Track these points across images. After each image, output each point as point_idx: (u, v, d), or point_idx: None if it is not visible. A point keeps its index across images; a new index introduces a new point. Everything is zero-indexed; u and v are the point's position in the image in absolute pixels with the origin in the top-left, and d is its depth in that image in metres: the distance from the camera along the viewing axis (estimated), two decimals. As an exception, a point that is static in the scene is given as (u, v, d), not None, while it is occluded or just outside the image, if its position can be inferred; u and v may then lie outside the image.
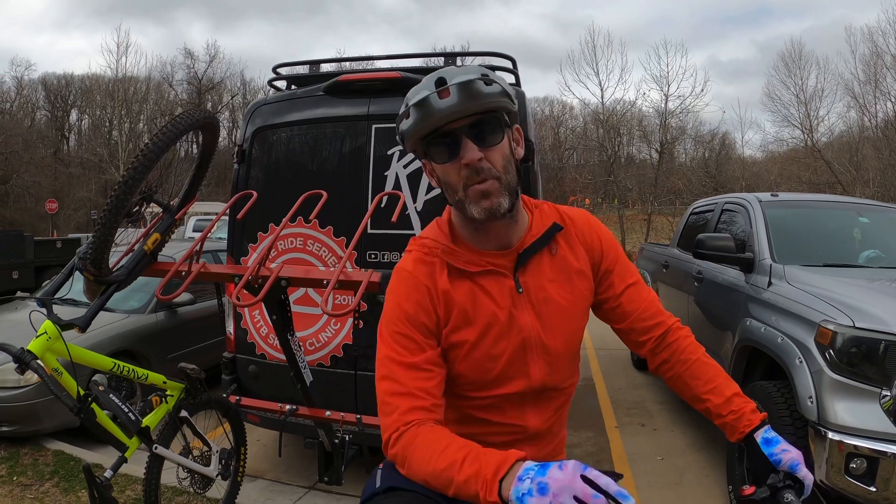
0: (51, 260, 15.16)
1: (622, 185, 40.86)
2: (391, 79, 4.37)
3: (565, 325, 1.81)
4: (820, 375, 3.78)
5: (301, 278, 3.17)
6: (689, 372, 1.86)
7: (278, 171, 4.68)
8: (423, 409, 1.63)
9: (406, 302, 1.73)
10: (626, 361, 9.29)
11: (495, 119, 1.64)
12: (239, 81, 60.35)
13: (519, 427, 1.82)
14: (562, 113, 56.51)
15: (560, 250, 1.84)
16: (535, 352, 1.78)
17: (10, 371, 5.14)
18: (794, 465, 1.65)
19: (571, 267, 1.84)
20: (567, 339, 1.82)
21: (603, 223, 2.03)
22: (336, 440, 3.88)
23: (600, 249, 1.89)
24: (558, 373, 1.83)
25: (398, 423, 1.61)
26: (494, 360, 1.75)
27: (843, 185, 32.79)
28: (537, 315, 1.78)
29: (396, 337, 1.71)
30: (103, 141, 50.09)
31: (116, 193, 2.89)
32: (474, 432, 1.72)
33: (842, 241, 5.67)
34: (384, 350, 1.72)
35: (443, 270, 1.76)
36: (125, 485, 4.83)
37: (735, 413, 1.76)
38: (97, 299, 3.22)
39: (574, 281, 1.84)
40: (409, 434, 1.58)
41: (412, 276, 1.76)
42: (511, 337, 1.75)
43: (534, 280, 1.79)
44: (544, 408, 1.86)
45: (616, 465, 5.53)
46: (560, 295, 1.80)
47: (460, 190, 1.64)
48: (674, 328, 1.91)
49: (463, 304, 1.74)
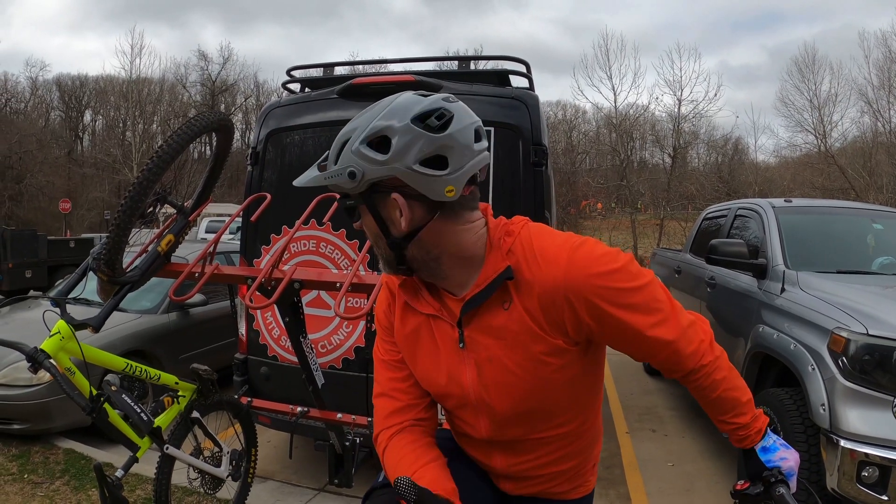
0: (64, 259, 15.28)
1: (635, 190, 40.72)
2: (405, 82, 4.37)
3: (510, 389, 1.60)
4: (833, 383, 3.77)
5: (314, 281, 3.17)
6: (704, 403, 1.74)
7: (291, 174, 4.67)
8: (397, 411, 1.72)
9: (379, 308, 1.80)
10: (636, 367, 9.24)
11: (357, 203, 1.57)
12: (252, 83, 60.28)
13: (486, 465, 1.83)
14: (574, 117, 56.39)
15: (514, 304, 1.55)
16: (479, 411, 1.67)
17: (23, 369, 5.20)
18: (788, 475, 1.72)
19: (525, 325, 1.55)
20: (515, 403, 1.62)
21: (612, 245, 1.77)
22: (347, 442, 3.88)
23: (581, 318, 1.52)
24: (513, 430, 1.69)
25: (379, 428, 1.73)
26: (441, 398, 1.74)
27: (857, 190, 32.58)
28: (479, 374, 1.62)
29: (380, 332, 1.80)
30: (117, 142, 50.20)
31: (131, 194, 2.90)
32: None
33: (855, 247, 5.65)
34: (375, 345, 1.83)
35: (401, 298, 1.71)
36: (136, 484, 4.85)
37: (740, 436, 1.76)
38: (111, 300, 3.23)
39: (527, 342, 1.55)
40: (382, 441, 1.71)
41: (387, 279, 1.78)
42: (455, 393, 1.66)
43: (480, 337, 1.59)
44: (520, 455, 1.76)
45: (626, 471, 5.53)
46: (508, 357, 1.57)
47: None
48: (693, 372, 1.66)
49: (409, 339, 1.71)
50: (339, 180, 1.48)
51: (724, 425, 1.76)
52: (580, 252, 1.51)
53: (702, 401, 1.74)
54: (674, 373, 1.68)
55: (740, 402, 1.73)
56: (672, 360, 1.62)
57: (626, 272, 1.51)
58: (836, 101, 37.20)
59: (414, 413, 1.71)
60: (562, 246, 1.53)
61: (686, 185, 39.58)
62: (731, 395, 1.71)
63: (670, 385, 8.29)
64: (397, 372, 1.74)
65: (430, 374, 1.69)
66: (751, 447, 1.76)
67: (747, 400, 1.75)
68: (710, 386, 1.68)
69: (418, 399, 1.73)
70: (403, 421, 1.70)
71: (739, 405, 1.73)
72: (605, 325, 1.52)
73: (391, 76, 4.58)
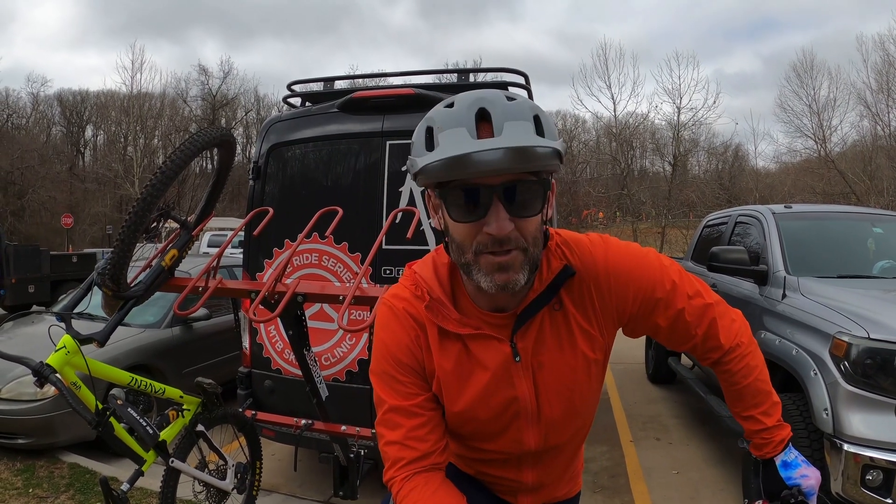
0: (67, 274, 15.30)
1: (636, 199, 40.78)
2: (405, 95, 4.40)
3: (565, 392, 1.59)
4: (835, 387, 3.77)
5: (317, 294, 3.19)
6: (735, 394, 1.71)
7: (293, 188, 4.71)
8: (413, 460, 1.51)
9: (394, 343, 1.56)
10: (640, 375, 9.25)
11: (538, 184, 1.34)
12: (253, 97, 60.57)
13: (515, 482, 1.76)
14: (574, 127, 56.53)
15: (564, 303, 1.55)
16: (530, 422, 1.61)
17: (27, 384, 5.21)
18: (808, 494, 1.65)
19: (574, 325, 1.55)
20: (567, 407, 1.62)
21: (623, 238, 1.74)
22: (351, 454, 3.90)
23: (626, 296, 1.55)
24: (557, 437, 1.67)
25: (391, 475, 1.52)
26: (484, 425, 1.62)
27: (857, 195, 32.65)
28: (534, 383, 1.57)
29: (385, 378, 1.56)
30: (118, 156, 50.37)
31: (135, 210, 2.92)
32: (479, 471, 1.76)
33: (856, 251, 5.65)
34: (377, 390, 1.58)
35: (433, 324, 1.55)
36: (140, 498, 4.86)
37: (763, 440, 1.71)
38: (116, 314, 3.25)
39: (577, 341, 1.56)
40: (396, 487, 1.51)
41: (403, 314, 1.57)
42: (503, 408, 1.58)
43: (531, 344, 1.54)
44: (548, 465, 1.75)
45: (631, 479, 5.51)
46: (559, 359, 1.55)
47: (470, 253, 1.37)
48: (730, 351, 1.65)
49: (450, 371, 1.55)
50: (555, 161, 1.32)
51: (749, 423, 1.71)
52: (604, 236, 1.58)
53: (732, 389, 1.70)
54: (711, 351, 1.66)
55: (770, 399, 1.71)
56: (711, 334, 1.62)
57: (653, 253, 1.61)
58: (835, 105, 37.41)
59: (433, 458, 1.53)
60: (584, 235, 1.58)
61: (687, 193, 39.70)
62: (763, 387, 1.69)
63: (674, 393, 8.29)
64: (415, 418, 1.53)
65: (473, 406, 1.57)
66: (771, 458, 1.71)
67: (776, 402, 1.72)
68: (744, 370, 1.67)
69: (436, 444, 1.55)
70: (420, 467, 1.51)
71: (769, 402, 1.70)
72: (662, 298, 1.56)
73: (391, 90, 4.60)
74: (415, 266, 1.64)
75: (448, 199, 1.36)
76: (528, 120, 1.28)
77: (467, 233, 1.36)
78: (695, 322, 1.60)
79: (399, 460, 1.51)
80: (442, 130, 1.30)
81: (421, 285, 1.56)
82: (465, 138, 1.26)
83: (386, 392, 1.55)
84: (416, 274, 1.60)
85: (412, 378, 1.56)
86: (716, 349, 1.65)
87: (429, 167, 1.30)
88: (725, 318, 1.64)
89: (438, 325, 1.53)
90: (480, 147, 1.23)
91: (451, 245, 1.44)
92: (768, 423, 1.69)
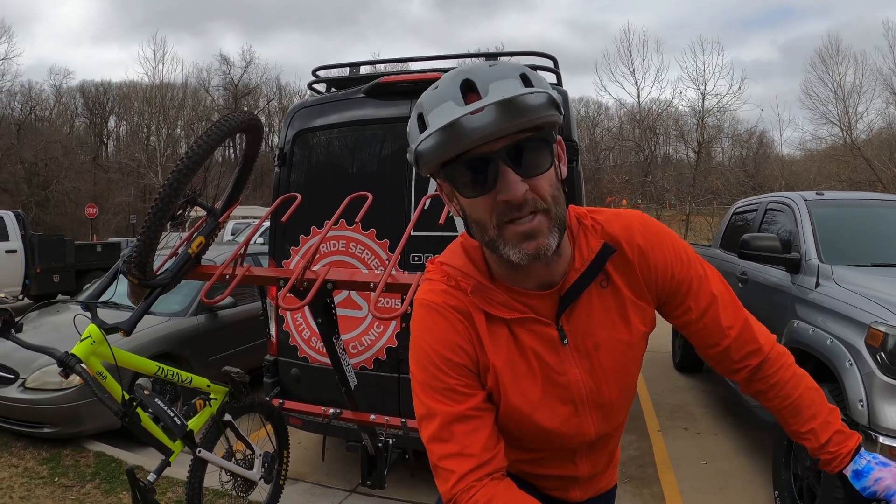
0: (91, 264, 15.39)
1: (659, 186, 40.53)
2: (433, 79, 4.33)
3: (622, 371, 1.53)
4: (871, 378, 3.70)
5: (347, 281, 3.14)
6: (789, 409, 1.62)
7: (319, 174, 4.68)
8: (477, 468, 1.37)
9: (440, 343, 1.43)
10: (667, 364, 9.17)
11: (541, 138, 1.28)
12: (275, 86, 60.78)
13: (570, 477, 1.68)
14: (597, 113, 56.37)
15: (612, 278, 1.49)
16: (588, 408, 1.53)
17: (53, 373, 5.22)
18: (889, 495, 1.53)
19: (626, 298, 1.50)
20: (624, 385, 1.56)
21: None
22: (380, 444, 3.86)
23: (665, 268, 1.51)
24: (615, 419, 1.62)
25: (454, 492, 1.38)
26: (541, 422, 1.51)
27: (884, 182, 32.24)
28: (588, 367, 1.49)
29: (435, 386, 1.43)
30: (141, 146, 50.67)
31: (162, 196, 2.87)
32: (522, 471, 1.65)
33: (890, 239, 5.55)
34: (425, 400, 1.44)
35: (479, 312, 1.44)
36: (167, 487, 4.87)
37: (830, 455, 1.59)
38: (142, 303, 3.21)
39: (630, 316, 1.50)
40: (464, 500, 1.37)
41: (445, 309, 1.45)
42: (559, 399, 1.50)
43: (582, 325, 1.47)
44: (599, 453, 1.68)
45: (659, 470, 5.47)
46: (614, 337, 1.49)
47: (492, 228, 1.31)
48: (772, 357, 1.60)
49: (501, 362, 1.45)
50: (552, 112, 1.26)
51: (810, 440, 1.60)
52: (636, 211, 1.58)
53: (785, 403, 1.61)
54: (750, 356, 1.58)
55: (826, 406, 1.61)
56: (746, 332, 1.56)
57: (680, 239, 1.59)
58: (861, 92, 36.86)
59: (496, 463, 1.41)
60: (630, 217, 1.54)
61: (711, 180, 39.37)
62: (817, 396, 1.61)
63: (701, 382, 8.21)
64: (471, 422, 1.41)
65: (529, 397, 1.48)
66: (840, 470, 1.59)
67: (833, 408, 1.63)
68: (792, 380, 1.60)
69: (496, 447, 1.43)
70: (485, 474, 1.38)
71: (826, 410, 1.61)
72: (693, 279, 1.53)
73: (419, 74, 4.54)
74: (439, 259, 1.56)
75: (455, 179, 1.31)
76: (514, 77, 1.23)
77: (483, 207, 1.30)
78: (728, 314, 1.54)
79: (460, 472, 1.37)
80: (430, 111, 1.26)
81: (454, 275, 1.48)
82: (452, 109, 1.21)
83: (436, 401, 1.42)
84: (444, 265, 1.52)
85: (466, 378, 1.44)
86: (755, 353, 1.58)
87: (423, 149, 1.26)
88: (755, 321, 1.58)
89: (485, 310, 1.44)
90: (467, 110, 1.19)
91: (473, 227, 1.37)
92: (830, 434, 1.59)
